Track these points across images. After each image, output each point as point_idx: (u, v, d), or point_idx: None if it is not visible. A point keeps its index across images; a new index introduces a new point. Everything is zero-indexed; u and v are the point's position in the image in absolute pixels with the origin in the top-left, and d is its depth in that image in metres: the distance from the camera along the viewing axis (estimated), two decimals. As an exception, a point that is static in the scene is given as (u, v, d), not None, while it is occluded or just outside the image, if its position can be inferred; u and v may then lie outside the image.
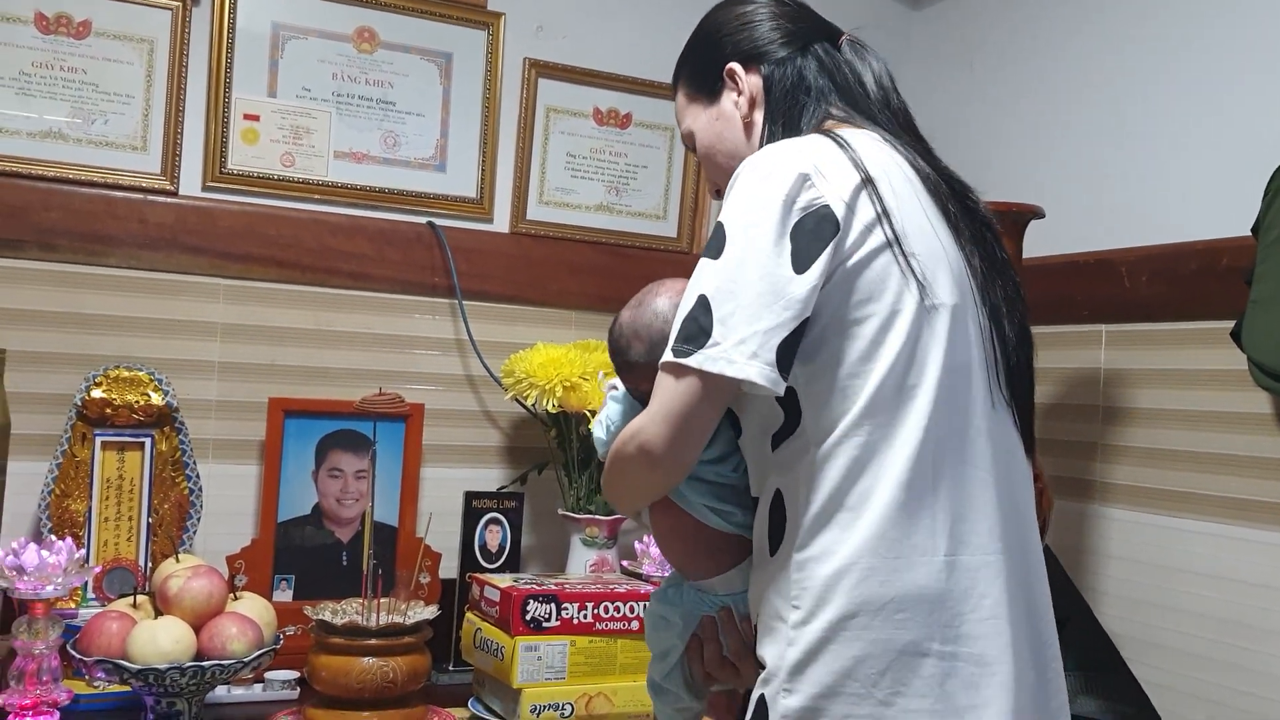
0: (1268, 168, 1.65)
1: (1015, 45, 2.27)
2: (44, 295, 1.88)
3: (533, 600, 1.66)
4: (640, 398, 1.20)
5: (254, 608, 1.62)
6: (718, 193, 1.25)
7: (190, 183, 1.98)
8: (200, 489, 1.89)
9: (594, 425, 1.30)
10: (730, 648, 1.23)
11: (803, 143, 1.16)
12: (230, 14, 1.97)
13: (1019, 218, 1.84)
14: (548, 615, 1.66)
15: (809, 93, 1.24)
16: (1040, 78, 2.20)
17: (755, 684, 1.12)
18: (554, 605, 1.67)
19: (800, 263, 1.07)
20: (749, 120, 1.27)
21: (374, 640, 1.58)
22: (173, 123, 1.95)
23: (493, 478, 2.18)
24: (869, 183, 1.12)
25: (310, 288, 2.06)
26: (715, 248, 1.10)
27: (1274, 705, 1.68)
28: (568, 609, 1.67)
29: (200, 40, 1.97)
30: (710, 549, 1.23)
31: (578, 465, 2.07)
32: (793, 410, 1.12)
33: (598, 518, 2.03)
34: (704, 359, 1.06)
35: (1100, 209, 2.04)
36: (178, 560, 1.64)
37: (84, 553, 1.74)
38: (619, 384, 1.30)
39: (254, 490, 1.98)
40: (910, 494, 1.07)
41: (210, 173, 1.99)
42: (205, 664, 1.50)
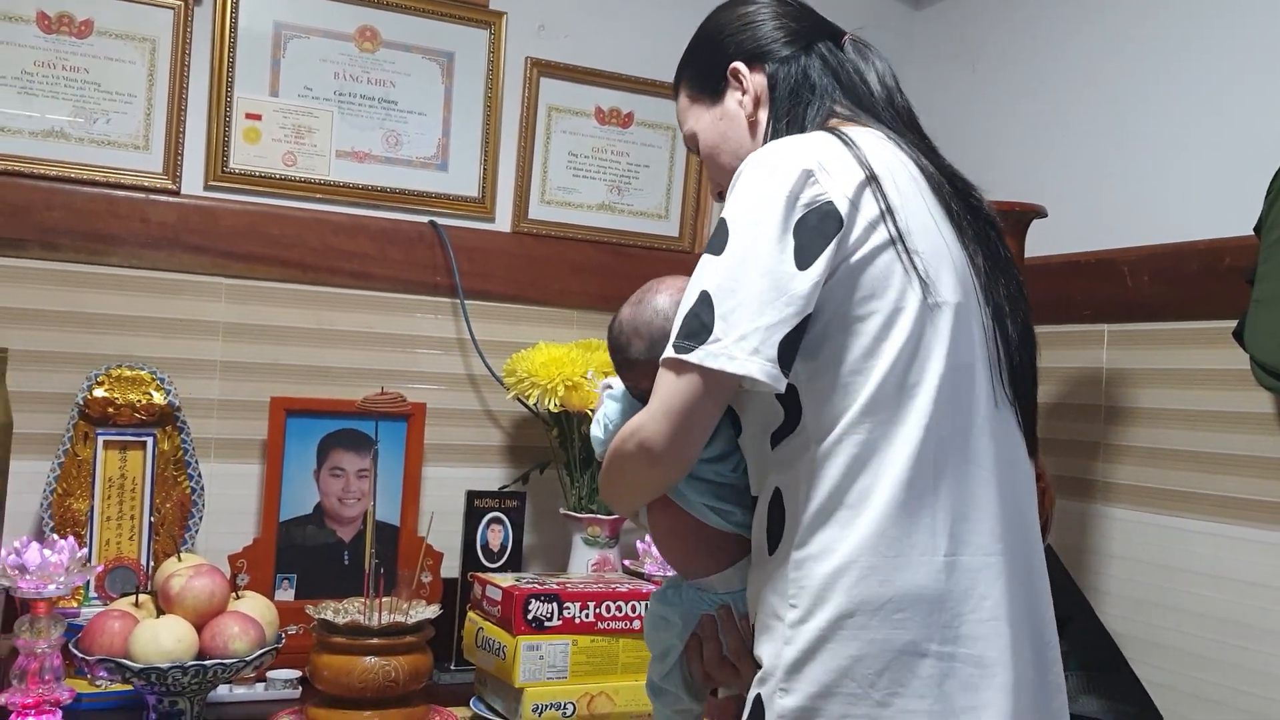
0: (1270, 167, 1.65)
1: (1017, 45, 2.27)
2: (46, 294, 1.88)
3: (535, 599, 1.66)
4: (640, 396, 1.19)
5: (256, 607, 1.62)
6: (720, 195, 1.24)
7: (192, 182, 1.98)
8: (202, 488, 1.89)
9: (592, 425, 1.29)
10: (730, 647, 1.21)
11: (807, 139, 1.15)
12: (232, 13, 1.98)
13: (1021, 217, 1.84)
14: (549, 614, 1.66)
15: (813, 91, 1.23)
16: (1042, 77, 2.20)
17: (751, 683, 1.11)
18: (556, 605, 1.67)
19: (803, 259, 1.06)
20: (754, 119, 1.26)
21: (376, 639, 1.58)
22: (175, 122, 1.95)
23: (494, 477, 2.18)
24: (873, 180, 1.11)
25: (312, 287, 2.06)
26: (718, 244, 1.09)
27: (1275, 705, 1.68)
28: (569, 608, 1.67)
29: (202, 39, 1.97)
30: (709, 548, 1.22)
31: (579, 464, 2.07)
32: (793, 408, 1.11)
33: (599, 517, 2.03)
34: (705, 355, 1.05)
35: (1102, 208, 2.04)
36: (180, 559, 1.64)
37: (86, 552, 1.74)
38: (614, 383, 1.30)
39: (256, 489, 1.98)
40: (911, 492, 1.06)
41: (212, 172, 1.99)
42: (207, 663, 1.51)
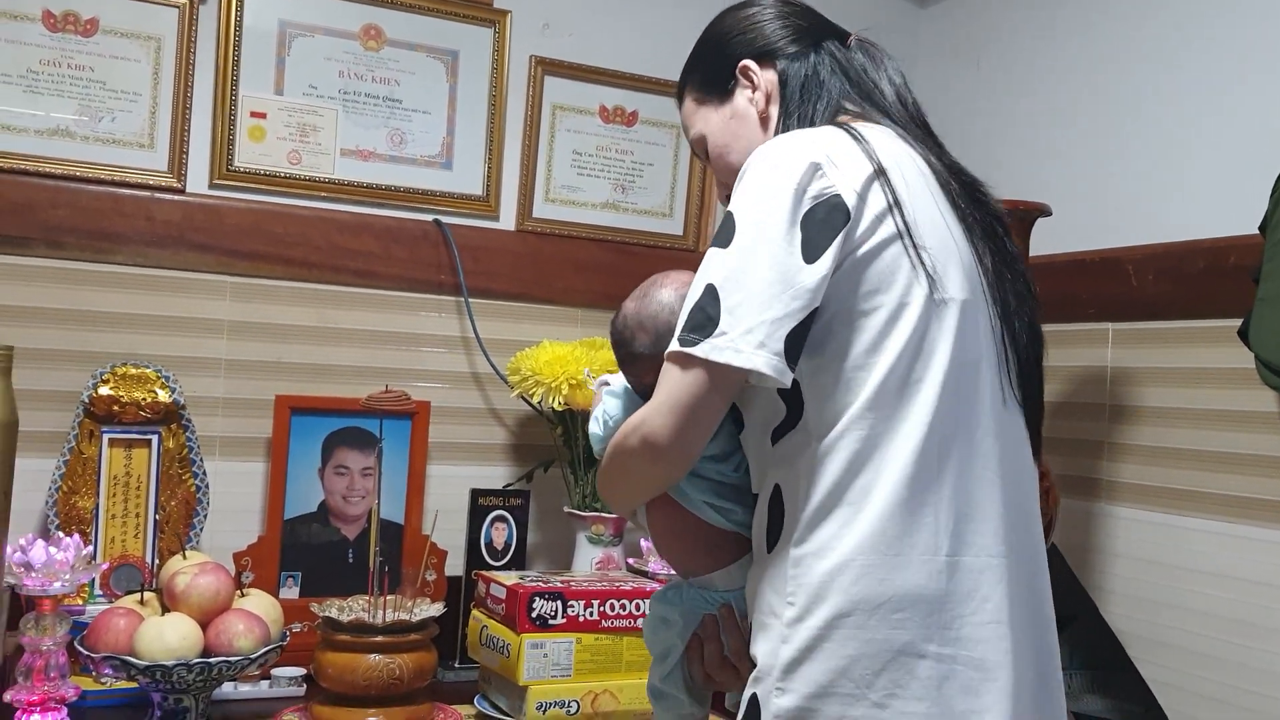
0: (1275, 166, 1.64)
1: (1021, 43, 2.27)
2: (51, 292, 1.88)
3: (539, 597, 1.66)
4: (643, 391, 1.18)
5: (260, 605, 1.62)
6: (727, 198, 1.22)
7: (197, 180, 1.98)
8: (207, 486, 1.90)
9: (590, 422, 1.28)
10: (731, 647, 1.19)
11: (815, 133, 1.14)
12: (237, 12, 1.98)
13: (1026, 216, 1.84)
14: (553, 613, 1.66)
15: (823, 88, 1.22)
16: (1047, 75, 2.20)
17: (747, 682, 1.10)
18: (560, 603, 1.67)
19: (810, 252, 1.05)
20: (765, 114, 1.25)
21: (380, 637, 1.58)
22: (180, 120, 1.95)
23: (499, 475, 2.18)
24: (881, 173, 1.10)
25: (317, 285, 2.06)
26: (724, 237, 1.08)
27: (1279, 703, 1.68)
28: (573, 606, 1.67)
29: (207, 38, 1.97)
30: (709, 546, 1.21)
31: (583, 463, 2.07)
32: (795, 404, 1.10)
33: (603, 515, 2.03)
34: (711, 348, 1.04)
35: (1107, 207, 2.04)
36: (185, 557, 1.65)
37: (91, 549, 1.74)
38: (612, 380, 1.28)
39: (260, 487, 1.98)
40: (912, 490, 1.05)
41: (217, 170, 1.99)
42: (212, 660, 1.51)
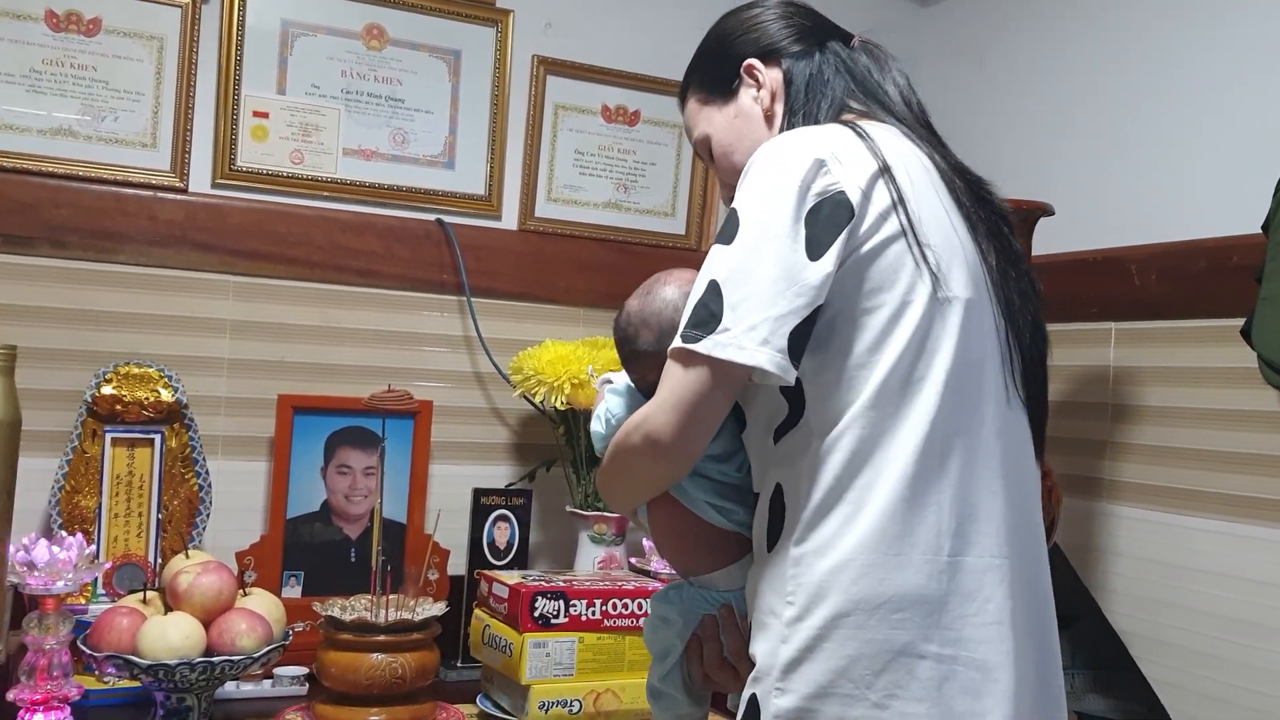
0: (1277, 166, 1.64)
1: (1025, 42, 2.27)
2: (54, 292, 1.88)
3: (541, 597, 1.66)
4: (646, 389, 1.18)
5: (263, 604, 1.62)
6: (731, 199, 1.21)
7: (200, 180, 1.98)
8: (210, 485, 1.90)
9: (591, 421, 1.27)
10: (730, 648, 1.19)
11: (820, 130, 1.14)
12: (240, 11, 1.98)
13: (1028, 215, 1.84)
14: (556, 612, 1.66)
15: (827, 86, 1.22)
16: (1050, 75, 2.20)
17: (746, 682, 1.10)
18: (562, 602, 1.67)
19: (815, 249, 1.04)
20: (770, 112, 1.24)
21: (383, 636, 1.58)
22: (182, 120, 1.95)
23: (501, 474, 2.18)
24: (886, 171, 1.09)
25: (319, 285, 2.06)
26: (728, 233, 1.08)
27: (1283, 704, 1.68)
28: (576, 606, 1.67)
29: (210, 37, 1.97)
30: (710, 546, 1.20)
31: (586, 462, 2.07)
32: (797, 402, 1.09)
33: (606, 515, 2.03)
34: (714, 345, 1.04)
35: (1109, 207, 2.04)
36: (187, 556, 1.65)
37: (94, 549, 1.74)
38: (614, 378, 1.28)
39: (263, 487, 1.98)
40: (914, 489, 1.04)
41: (220, 170, 1.99)
42: (215, 659, 1.51)
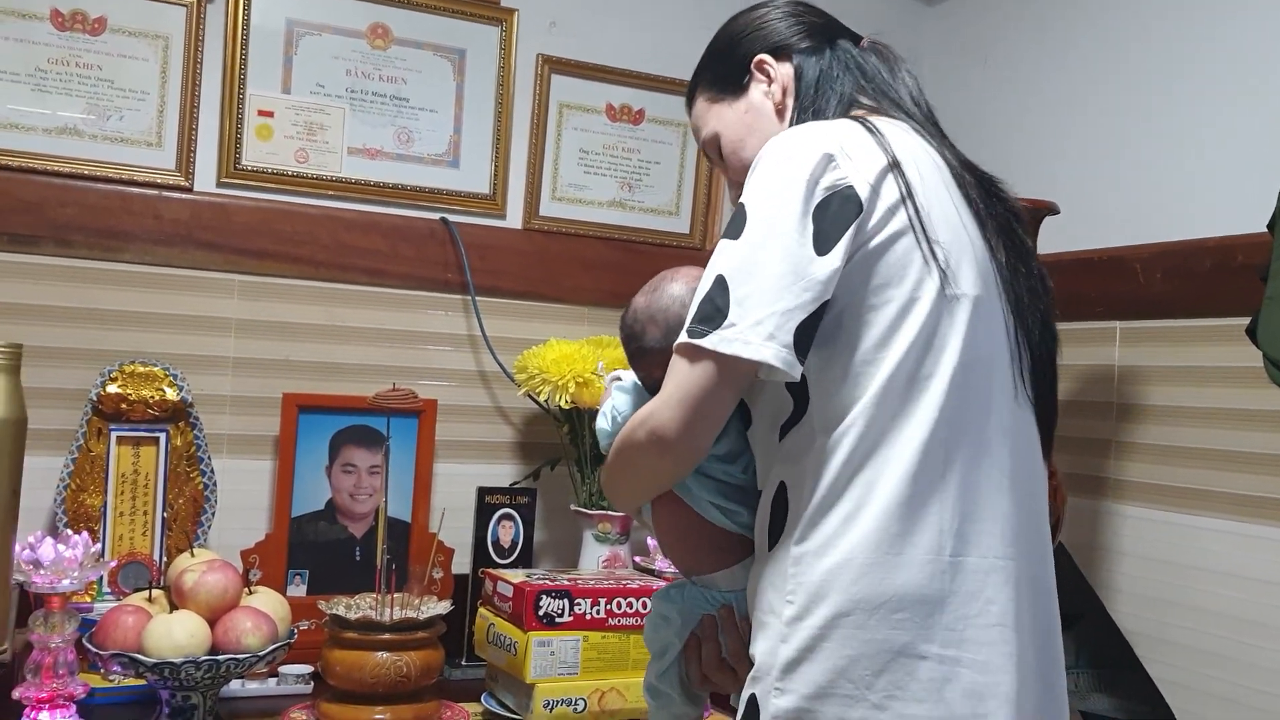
0: (1284, 164, 1.64)
1: (1028, 41, 2.27)
2: (60, 291, 1.89)
3: (546, 596, 1.66)
4: (652, 386, 1.17)
5: (268, 602, 1.63)
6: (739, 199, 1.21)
7: (205, 179, 1.99)
8: (215, 484, 1.90)
9: (598, 417, 1.27)
10: (729, 649, 1.18)
11: (829, 125, 1.13)
12: (245, 10, 1.98)
13: (1033, 214, 1.84)
14: (561, 611, 1.66)
15: (837, 82, 1.22)
16: (1054, 73, 2.20)
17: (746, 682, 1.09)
18: (567, 601, 1.67)
19: (822, 244, 1.04)
20: (781, 106, 1.23)
21: (387, 635, 1.58)
22: (188, 119, 1.96)
23: (505, 473, 2.18)
24: (895, 166, 1.09)
25: (324, 283, 2.06)
26: (735, 228, 1.07)
27: (1288, 703, 1.68)
28: (580, 604, 1.68)
29: (215, 37, 1.97)
30: (713, 546, 1.20)
31: (590, 461, 2.07)
32: (801, 398, 1.09)
33: (610, 513, 2.03)
34: (719, 340, 1.03)
35: (1114, 205, 2.04)
36: (192, 555, 1.65)
37: (99, 547, 1.75)
38: (623, 375, 1.28)
39: (268, 485, 1.98)
40: (916, 488, 1.03)
41: (225, 169, 1.99)
42: (220, 658, 1.51)
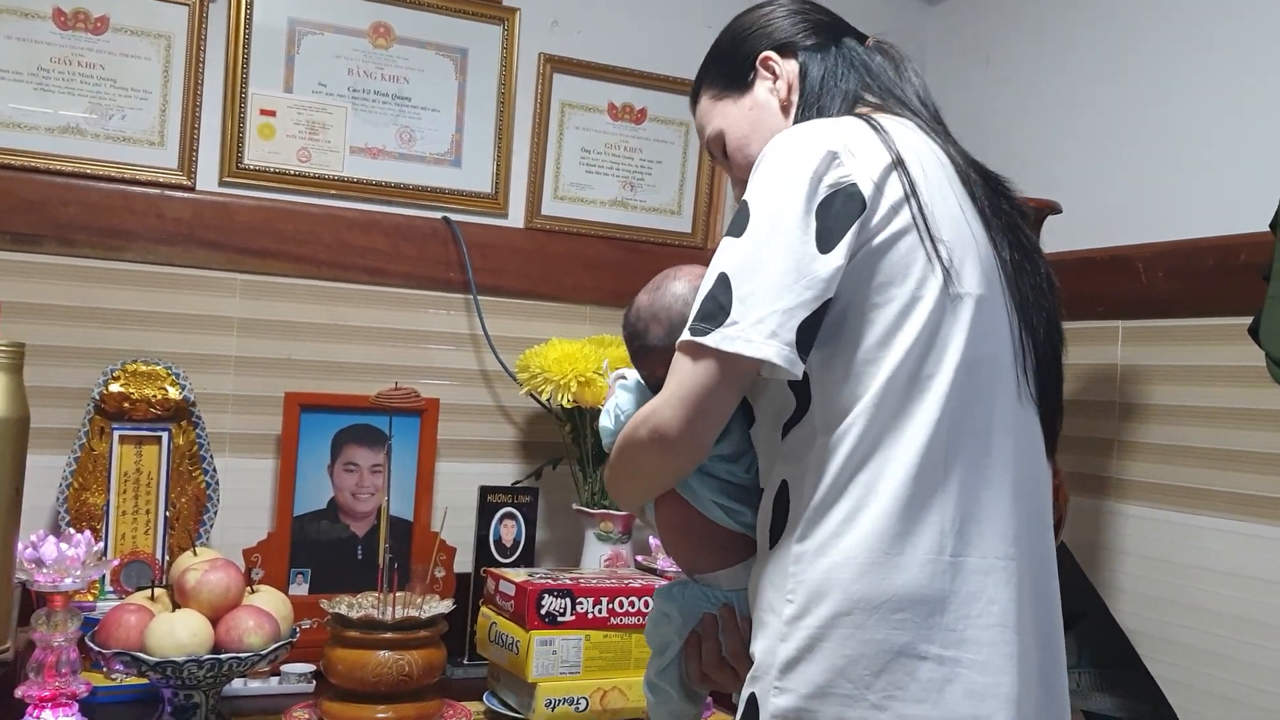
0: (1286, 163, 1.64)
1: (1031, 40, 2.27)
2: (62, 290, 1.89)
3: (548, 595, 1.66)
4: (655, 384, 1.16)
5: (270, 601, 1.63)
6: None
7: (207, 178, 1.99)
8: (217, 483, 1.90)
9: (601, 416, 1.27)
10: (729, 648, 1.18)
11: (833, 122, 1.13)
12: (247, 9, 1.98)
13: (1036, 213, 1.83)
14: (563, 610, 1.66)
15: (842, 80, 1.22)
16: (1057, 73, 2.20)
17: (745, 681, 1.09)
18: (569, 600, 1.67)
19: (825, 242, 1.03)
20: (786, 103, 1.23)
21: (390, 634, 1.58)
22: (190, 118, 1.96)
23: (507, 472, 2.18)
24: (899, 164, 1.08)
25: (326, 283, 2.06)
26: (739, 226, 1.07)
27: (1290, 703, 1.68)
28: (582, 604, 1.68)
29: (217, 36, 1.98)
30: (716, 545, 1.20)
31: (592, 460, 2.07)
32: (804, 396, 1.08)
33: (612, 513, 2.03)
34: (721, 338, 1.03)
35: (1117, 204, 2.04)
36: (195, 553, 1.65)
37: (102, 546, 1.75)
38: (627, 374, 1.28)
39: (270, 484, 1.98)
40: (917, 488, 1.03)
41: (227, 168, 1.99)
42: (222, 656, 1.51)
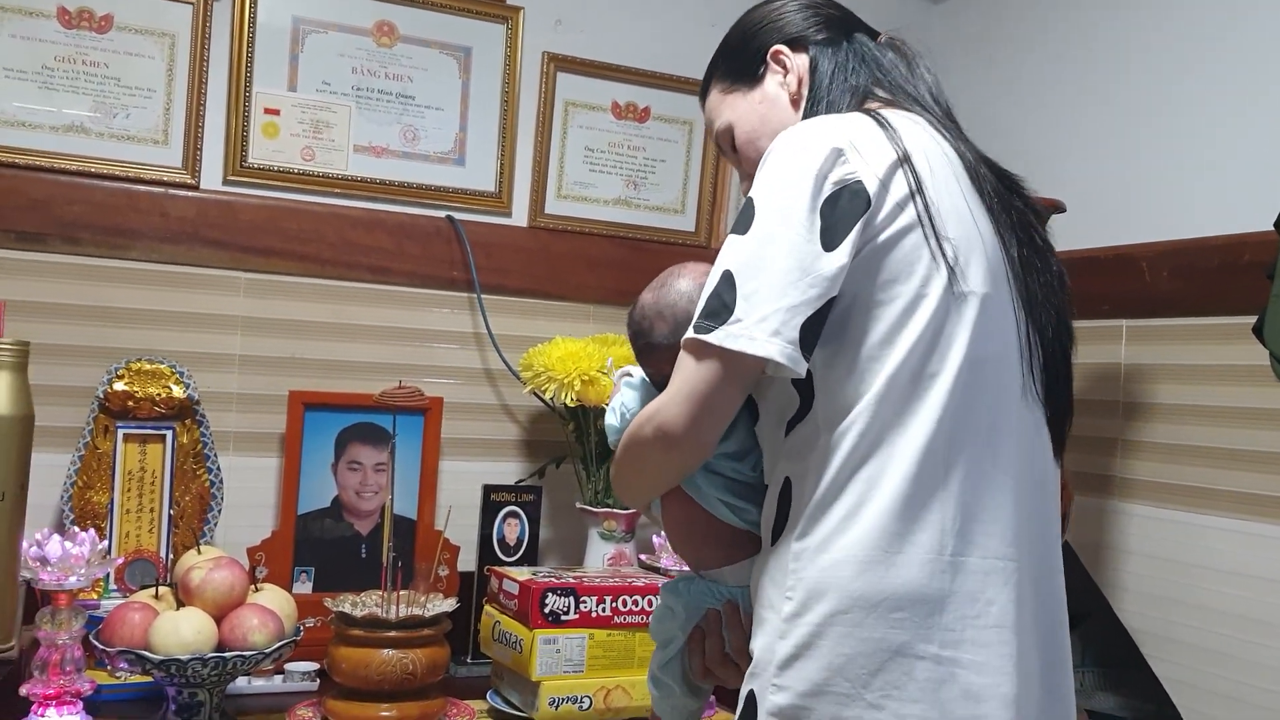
0: (1291, 162, 1.64)
1: (1035, 39, 2.26)
2: (66, 288, 1.89)
3: (551, 593, 1.66)
4: (660, 382, 1.16)
5: (274, 599, 1.63)
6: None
7: (211, 177, 1.99)
8: (221, 481, 1.90)
9: (607, 414, 1.27)
10: (732, 644, 1.18)
11: (840, 118, 1.12)
12: (251, 8, 1.98)
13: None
14: (566, 608, 1.66)
15: (853, 75, 1.21)
16: (1060, 72, 2.19)
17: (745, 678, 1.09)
18: (572, 598, 1.67)
19: (830, 240, 1.03)
20: (796, 97, 1.23)
21: (393, 632, 1.58)
22: (194, 117, 1.96)
23: (511, 471, 2.19)
24: (905, 161, 1.08)
25: (330, 281, 2.06)
26: (744, 223, 1.06)
27: (1294, 702, 1.68)
28: (586, 602, 1.68)
29: (221, 34, 1.98)
30: (721, 542, 1.20)
31: (596, 459, 2.07)
32: (807, 394, 1.08)
33: (616, 511, 2.03)
34: (725, 336, 1.02)
35: (1121, 203, 2.03)
36: (199, 552, 1.65)
37: (106, 544, 1.75)
38: (633, 371, 1.28)
39: (274, 482, 1.99)
40: (918, 486, 1.02)
41: (231, 166, 2.00)
42: (226, 655, 1.52)
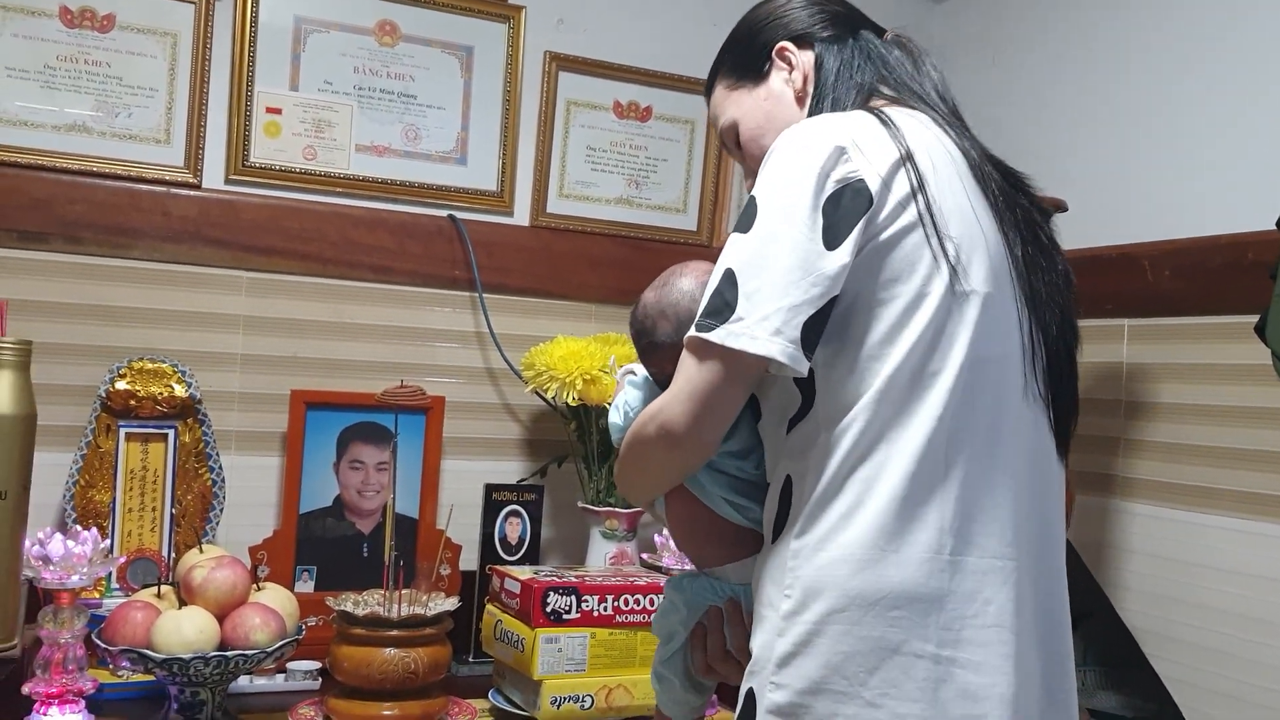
0: (1293, 161, 1.64)
1: (1037, 38, 2.26)
2: (68, 287, 1.89)
3: (553, 592, 1.66)
4: (663, 381, 1.16)
5: (276, 598, 1.63)
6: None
7: (213, 176, 1.99)
8: (223, 480, 1.90)
9: (610, 412, 1.27)
10: (734, 642, 1.18)
11: (843, 116, 1.12)
12: (253, 8, 1.98)
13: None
14: (568, 607, 1.67)
15: (858, 72, 1.21)
16: (1062, 71, 2.19)
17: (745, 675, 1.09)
18: (574, 597, 1.67)
19: (832, 238, 1.03)
20: (802, 94, 1.23)
21: (395, 631, 1.58)
22: (196, 116, 1.96)
23: (513, 470, 2.19)
24: (908, 159, 1.08)
25: (332, 280, 2.07)
26: (746, 221, 1.07)
27: (1296, 701, 1.67)
28: (588, 601, 1.68)
29: (223, 34, 1.98)
30: (724, 540, 1.20)
31: (597, 458, 2.07)
32: (808, 393, 1.08)
33: (617, 510, 2.04)
34: (726, 334, 1.03)
35: (1124, 202, 2.03)
36: (201, 551, 1.65)
37: (108, 543, 1.75)
38: (636, 369, 1.28)
39: (276, 482, 1.99)
40: (917, 485, 1.02)
41: (233, 166, 2.00)
42: (228, 654, 1.52)
